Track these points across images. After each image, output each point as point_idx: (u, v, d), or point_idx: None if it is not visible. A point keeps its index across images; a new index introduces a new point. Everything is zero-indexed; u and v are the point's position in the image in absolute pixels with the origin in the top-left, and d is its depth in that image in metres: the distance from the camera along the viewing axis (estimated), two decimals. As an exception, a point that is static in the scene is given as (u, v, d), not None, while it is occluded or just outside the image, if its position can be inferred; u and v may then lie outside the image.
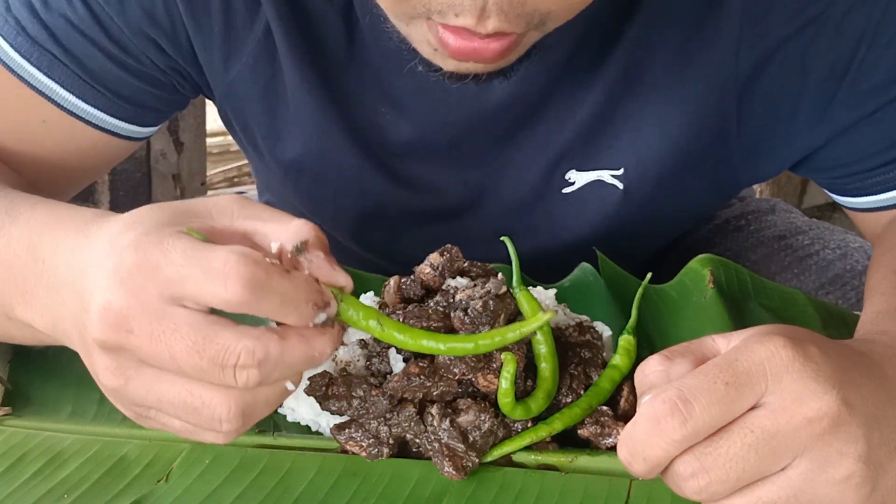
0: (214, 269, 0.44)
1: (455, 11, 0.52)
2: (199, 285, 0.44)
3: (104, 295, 0.45)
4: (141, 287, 0.45)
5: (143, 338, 0.45)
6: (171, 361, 0.45)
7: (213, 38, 0.72)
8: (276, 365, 0.45)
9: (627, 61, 0.70)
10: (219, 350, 0.44)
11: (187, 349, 0.44)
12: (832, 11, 0.66)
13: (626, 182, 0.75)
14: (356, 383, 0.55)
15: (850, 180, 0.74)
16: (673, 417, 0.42)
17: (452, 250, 0.60)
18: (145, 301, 0.45)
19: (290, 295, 0.45)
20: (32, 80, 0.71)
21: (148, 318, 0.44)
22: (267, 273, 0.44)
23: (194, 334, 0.44)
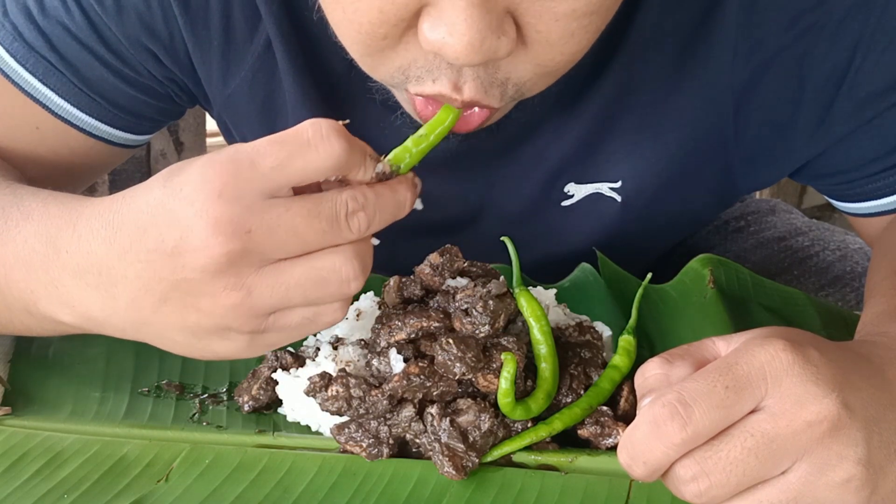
0: (305, 141, 0.47)
1: (432, 77, 0.53)
2: (299, 161, 0.47)
3: (208, 215, 0.46)
4: (241, 191, 0.47)
5: (263, 232, 0.47)
6: (296, 239, 0.48)
7: (211, 52, 0.72)
8: (376, 209, 0.49)
9: (623, 75, 0.70)
10: (331, 206, 0.48)
11: (306, 218, 0.47)
12: (828, 20, 0.66)
13: (624, 194, 0.75)
14: (355, 383, 0.55)
15: (849, 186, 0.74)
16: (673, 421, 0.42)
17: (452, 250, 0.60)
18: (250, 202, 0.47)
19: (360, 147, 0.49)
20: (27, 87, 0.71)
21: (260, 214, 0.47)
22: (342, 129, 0.49)
23: (305, 204, 0.48)
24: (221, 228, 0.46)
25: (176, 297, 0.49)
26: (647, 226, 0.79)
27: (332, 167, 0.48)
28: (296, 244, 0.48)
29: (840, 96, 0.68)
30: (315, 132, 0.48)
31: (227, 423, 0.60)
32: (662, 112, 0.71)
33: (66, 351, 0.66)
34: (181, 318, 0.50)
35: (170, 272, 0.49)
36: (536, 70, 0.54)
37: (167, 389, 0.63)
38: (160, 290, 0.50)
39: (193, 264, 0.47)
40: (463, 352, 0.54)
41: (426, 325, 0.56)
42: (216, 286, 0.48)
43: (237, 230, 0.46)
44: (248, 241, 0.47)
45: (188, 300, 0.49)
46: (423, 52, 0.52)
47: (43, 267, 0.54)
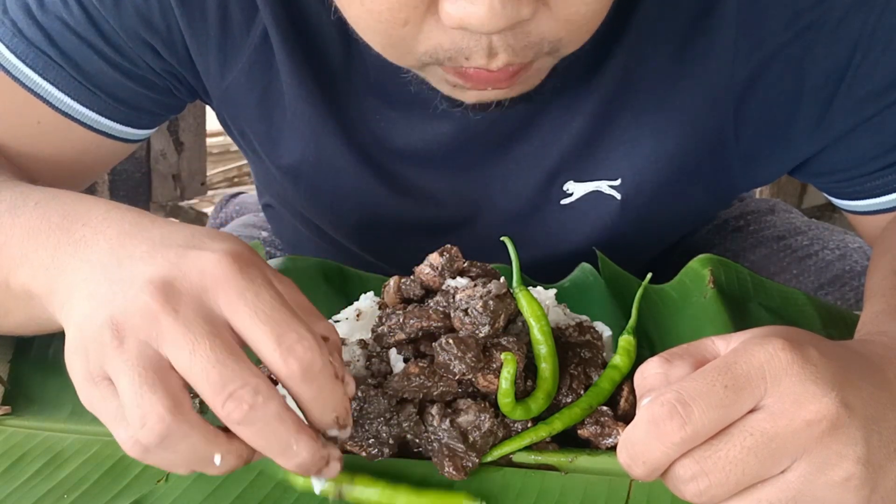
0: (286, 339, 0.44)
1: (465, 55, 0.53)
2: (264, 343, 0.45)
3: (174, 270, 0.46)
4: (212, 290, 0.45)
5: (181, 319, 0.44)
6: (187, 358, 0.44)
7: (209, 44, 0.72)
8: (263, 423, 0.44)
9: (622, 72, 0.70)
10: (235, 371, 0.44)
11: (210, 352, 0.44)
12: (827, 18, 0.66)
13: (623, 192, 0.75)
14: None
15: (849, 184, 0.74)
16: (672, 420, 0.42)
17: (452, 250, 0.60)
18: (207, 301, 0.45)
19: (327, 396, 0.46)
20: (27, 82, 0.72)
21: (197, 312, 0.45)
22: (322, 370, 0.45)
23: (226, 348, 0.44)
24: (163, 287, 0.45)
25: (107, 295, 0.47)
26: (646, 224, 0.79)
27: (272, 369, 0.46)
28: (182, 360, 0.45)
29: (840, 94, 0.68)
30: (295, 343, 0.45)
31: (227, 423, 0.60)
32: (662, 109, 0.71)
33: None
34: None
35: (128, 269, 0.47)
36: (567, 26, 0.54)
37: (167, 389, 0.63)
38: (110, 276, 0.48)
39: (139, 282, 0.46)
40: (463, 352, 0.54)
41: (426, 325, 0.56)
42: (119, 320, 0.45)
43: (170, 298, 0.45)
44: (165, 313, 0.45)
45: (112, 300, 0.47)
46: (447, 33, 0.52)
47: (44, 235, 0.53)
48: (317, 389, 0.46)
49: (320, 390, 0.46)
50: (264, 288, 0.46)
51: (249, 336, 0.45)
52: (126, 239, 0.50)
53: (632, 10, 0.67)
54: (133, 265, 0.48)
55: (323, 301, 0.71)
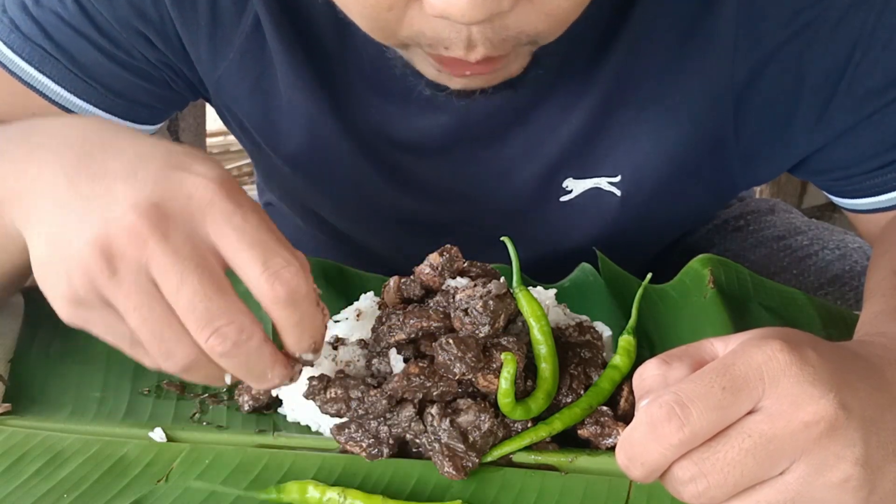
0: (273, 264, 0.45)
1: (444, 45, 0.53)
2: (251, 267, 0.46)
3: (161, 193, 0.45)
4: (200, 212, 0.46)
5: (170, 247, 0.45)
6: (175, 286, 0.45)
7: (199, 33, 0.72)
8: (243, 357, 0.46)
9: (621, 69, 0.70)
10: (222, 308, 0.45)
11: (198, 287, 0.45)
12: (827, 16, 0.66)
13: (623, 189, 0.75)
14: (353, 385, 0.55)
15: (848, 182, 0.74)
16: (670, 422, 0.42)
17: (452, 250, 0.60)
18: (195, 224, 0.46)
19: (307, 322, 0.48)
20: (24, 75, 0.72)
21: (187, 238, 0.45)
22: (306, 295, 0.47)
23: (214, 281, 0.45)
24: (151, 211, 0.45)
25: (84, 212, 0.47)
26: (646, 221, 0.79)
27: (255, 294, 0.47)
28: (170, 291, 0.46)
29: (839, 92, 0.68)
30: (283, 269, 0.46)
31: (227, 423, 0.60)
32: (662, 106, 0.71)
33: (66, 351, 0.66)
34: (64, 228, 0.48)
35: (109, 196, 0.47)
36: (547, 20, 0.54)
37: (167, 389, 0.63)
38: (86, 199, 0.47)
39: (124, 207, 0.46)
40: (463, 352, 0.54)
41: (426, 325, 0.56)
42: (101, 246, 0.45)
43: (159, 224, 0.45)
44: (154, 239, 0.45)
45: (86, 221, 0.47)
46: (429, 21, 0.52)
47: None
48: (299, 315, 0.47)
49: (302, 316, 0.47)
50: (251, 213, 0.47)
51: (236, 260, 0.46)
52: (94, 149, 0.49)
53: (631, 7, 0.67)
54: (111, 182, 0.47)
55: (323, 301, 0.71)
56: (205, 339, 0.45)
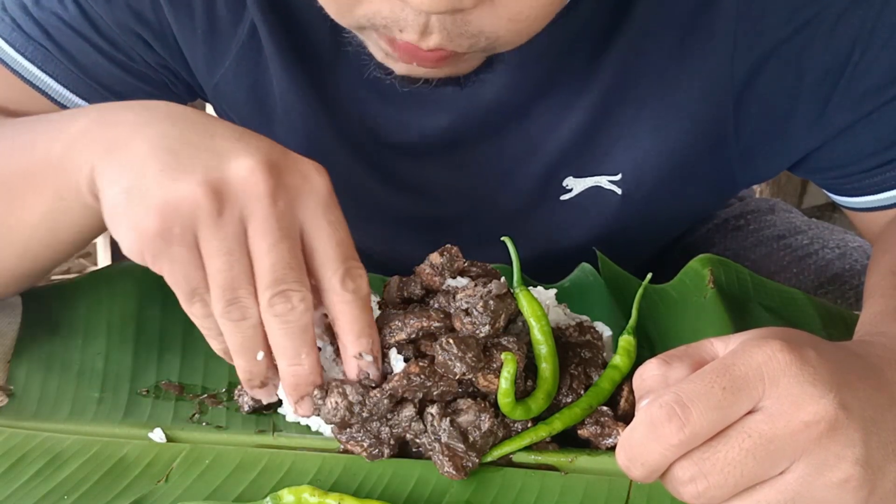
0: (351, 264, 0.53)
1: (399, 27, 0.53)
2: (332, 260, 0.52)
3: (283, 159, 0.51)
4: (310, 194, 0.51)
5: (276, 212, 0.50)
6: (266, 248, 0.50)
7: (196, 39, 0.72)
8: (293, 325, 0.51)
9: (620, 67, 0.70)
10: (295, 278, 0.51)
11: (284, 255, 0.50)
12: (826, 14, 0.66)
13: (624, 187, 0.75)
14: (351, 389, 0.55)
15: (848, 181, 0.74)
16: (670, 422, 0.42)
17: (452, 250, 0.60)
18: (301, 201, 0.51)
19: (366, 322, 0.53)
20: (27, 74, 0.72)
21: (291, 210, 0.51)
22: (368, 299, 0.53)
23: (297, 256, 0.51)
24: (241, 180, 0.50)
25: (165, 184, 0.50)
26: (647, 219, 0.79)
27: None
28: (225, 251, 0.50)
29: (839, 90, 0.68)
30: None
31: (227, 423, 0.60)
32: (661, 104, 0.71)
33: (65, 351, 0.66)
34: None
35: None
36: (509, 25, 0.54)
37: (166, 390, 0.63)
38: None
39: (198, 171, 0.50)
40: (463, 352, 0.54)
41: (426, 325, 0.56)
42: (170, 208, 0.49)
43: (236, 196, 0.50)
44: (230, 210, 0.49)
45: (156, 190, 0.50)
46: (388, 1, 0.52)
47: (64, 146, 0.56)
48: (360, 311, 0.52)
49: (363, 313, 0.52)
50: (341, 214, 0.52)
51: (320, 249, 0.51)
52: (196, 115, 0.54)
53: (631, 5, 0.67)
54: (222, 140, 0.51)
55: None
56: (269, 298, 0.50)
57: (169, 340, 0.67)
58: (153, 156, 0.51)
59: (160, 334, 0.68)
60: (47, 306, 0.69)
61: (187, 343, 0.67)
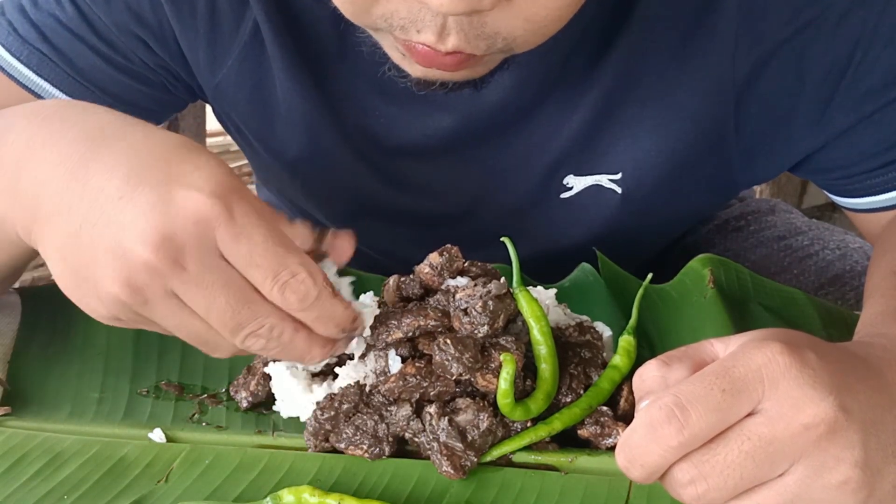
0: (281, 277, 0.49)
1: (417, 28, 0.53)
2: (262, 283, 0.49)
3: (169, 222, 0.47)
4: (208, 236, 0.48)
5: (192, 277, 0.48)
6: (205, 308, 0.49)
7: (198, 39, 0.72)
8: (279, 348, 0.51)
9: (622, 67, 0.70)
10: (249, 316, 0.49)
11: (225, 305, 0.49)
12: (828, 14, 0.66)
13: (624, 186, 0.75)
14: (342, 398, 0.56)
15: (849, 181, 0.74)
16: (670, 424, 0.42)
17: (452, 250, 0.60)
18: (208, 248, 0.48)
19: (327, 316, 0.51)
20: (22, 78, 0.72)
21: (204, 265, 0.48)
22: (318, 296, 0.50)
23: (238, 295, 0.49)
24: (163, 245, 0.47)
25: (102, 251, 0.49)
26: (647, 218, 0.79)
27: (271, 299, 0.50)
28: (202, 310, 0.49)
29: (840, 91, 0.68)
30: (292, 275, 0.49)
31: (227, 423, 0.60)
32: (662, 103, 0.71)
33: (64, 351, 0.66)
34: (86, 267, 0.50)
35: (111, 230, 0.48)
36: (526, 26, 0.54)
37: (166, 390, 0.63)
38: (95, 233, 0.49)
39: (135, 248, 0.47)
40: (461, 352, 0.54)
41: (423, 323, 0.56)
42: (129, 275, 0.48)
43: (175, 258, 0.47)
44: (173, 273, 0.48)
45: (101, 262, 0.49)
46: (406, 2, 0.52)
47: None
48: (316, 312, 0.51)
49: (320, 312, 0.51)
50: (255, 227, 0.49)
51: (249, 277, 0.49)
52: (89, 161, 0.50)
53: (632, 4, 0.67)
54: (115, 209, 0.48)
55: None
56: (241, 342, 0.50)
57: (169, 340, 0.67)
58: (59, 234, 0.50)
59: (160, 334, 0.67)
60: (47, 306, 0.69)
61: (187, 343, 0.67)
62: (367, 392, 0.56)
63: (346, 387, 0.56)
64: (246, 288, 0.49)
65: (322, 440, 0.56)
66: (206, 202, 0.48)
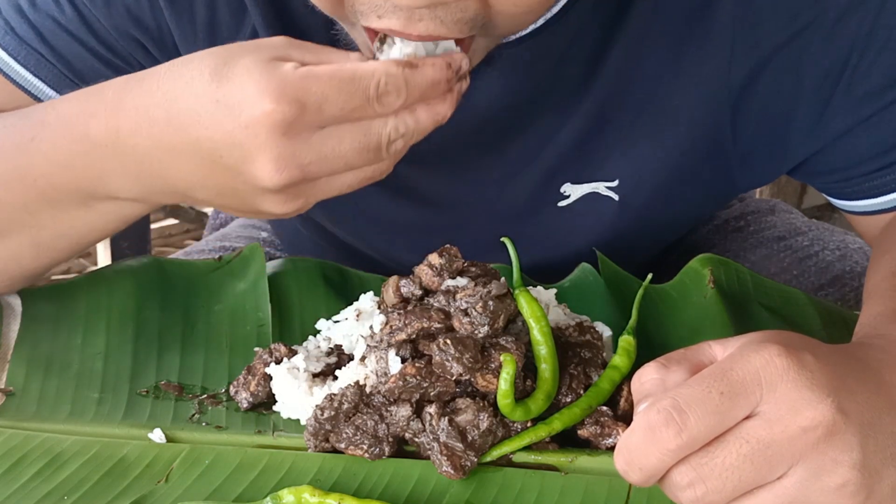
0: (370, 97, 0.52)
1: (377, 13, 0.53)
2: (359, 113, 0.52)
3: (271, 151, 0.52)
4: (303, 129, 0.52)
5: (318, 163, 0.53)
6: (346, 166, 0.54)
7: (197, 45, 0.72)
8: (414, 133, 0.55)
9: (618, 74, 0.69)
10: (378, 138, 0.53)
11: (356, 152, 0.53)
12: (824, 18, 0.66)
13: (621, 193, 0.75)
14: (342, 398, 0.56)
15: (847, 184, 0.74)
16: (668, 427, 0.42)
17: (451, 251, 0.60)
18: (309, 138, 0.52)
19: (427, 83, 0.54)
20: (19, 79, 0.72)
21: (318, 148, 0.52)
22: (407, 79, 0.53)
23: (356, 137, 0.53)
24: (283, 164, 0.52)
25: (232, 195, 0.56)
26: (645, 224, 0.79)
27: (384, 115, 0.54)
28: (344, 168, 0.54)
29: (837, 94, 0.68)
30: (381, 89, 0.52)
31: (227, 423, 0.60)
32: (658, 110, 0.71)
33: (65, 351, 0.66)
34: (235, 203, 0.57)
35: (228, 180, 0.54)
36: (505, 8, 0.54)
37: (166, 390, 0.63)
38: (216, 187, 0.56)
39: (254, 186, 0.53)
40: (461, 352, 0.54)
41: (427, 325, 0.56)
42: (275, 201, 0.55)
43: (297, 164, 0.52)
44: (304, 175, 0.53)
45: (246, 199, 0.56)
46: None
47: (88, 166, 0.58)
48: (417, 91, 0.53)
49: (420, 88, 0.53)
50: (317, 81, 0.52)
51: (350, 116, 0.53)
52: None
53: (627, 11, 0.67)
54: (218, 112, 0.53)
55: (323, 301, 0.71)
56: (386, 156, 0.55)
57: (168, 340, 0.67)
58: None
59: (159, 334, 0.68)
60: (47, 306, 0.69)
61: (186, 343, 0.67)
62: (368, 393, 0.56)
63: (346, 387, 0.56)
64: (356, 123, 0.53)
65: (322, 440, 0.56)
66: (266, 89, 0.51)
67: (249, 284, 0.72)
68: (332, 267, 0.75)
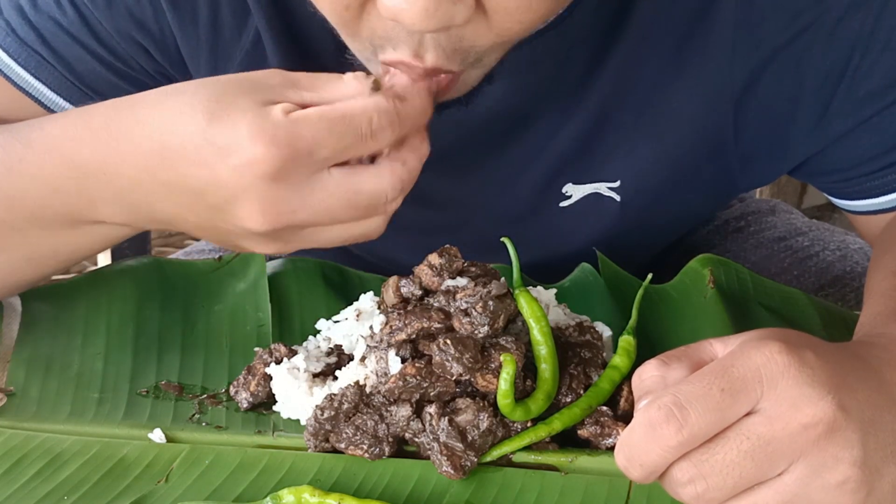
0: (364, 134, 0.51)
1: (392, 45, 0.54)
2: (353, 152, 0.52)
3: (258, 197, 0.51)
4: (293, 175, 0.51)
5: (305, 214, 0.52)
6: (332, 220, 0.53)
7: (200, 47, 0.72)
8: (409, 184, 0.55)
9: (619, 75, 0.69)
10: (370, 199, 0.53)
11: (344, 208, 0.53)
12: (826, 18, 0.66)
13: (623, 194, 0.75)
14: (342, 399, 0.56)
15: (848, 184, 0.74)
16: (669, 424, 0.42)
17: (451, 251, 0.60)
18: (298, 184, 0.51)
19: (418, 113, 0.54)
20: (19, 80, 0.71)
21: (308, 195, 0.52)
22: (399, 112, 0.52)
23: (346, 193, 0.52)
24: (268, 209, 0.51)
25: (214, 231, 0.56)
26: (646, 225, 0.79)
27: (377, 149, 0.53)
28: (330, 221, 0.54)
29: (838, 95, 0.68)
30: (374, 126, 0.52)
31: (227, 423, 0.60)
32: (660, 110, 0.71)
33: (65, 352, 0.66)
34: (217, 238, 0.57)
35: (212, 217, 0.54)
36: (496, 39, 0.54)
37: (166, 390, 0.63)
38: (200, 222, 0.55)
39: (237, 226, 0.53)
40: (461, 352, 0.54)
41: (427, 325, 0.56)
42: (257, 241, 0.55)
43: (283, 210, 0.52)
44: (291, 222, 0.52)
45: (228, 238, 0.55)
46: (382, 20, 0.53)
47: (76, 192, 0.58)
48: (409, 122, 0.53)
49: (413, 119, 0.54)
50: (309, 124, 0.51)
51: (342, 156, 0.53)
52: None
53: (628, 12, 0.67)
54: (208, 155, 0.52)
55: (323, 301, 0.71)
56: (385, 211, 0.55)
57: (168, 341, 0.67)
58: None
59: (159, 334, 0.68)
60: (47, 306, 0.69)
61: (186, 343, 0.67)
62: (368, 393, 0.56)
63: (346, 387, 0.56)
64: (348, 177, 0.52)
65: (322, 440, 0.56)
66: (258, 137, 0.50)
67: (249, 284, 0.72)
68: (332, 267, 0.75)
